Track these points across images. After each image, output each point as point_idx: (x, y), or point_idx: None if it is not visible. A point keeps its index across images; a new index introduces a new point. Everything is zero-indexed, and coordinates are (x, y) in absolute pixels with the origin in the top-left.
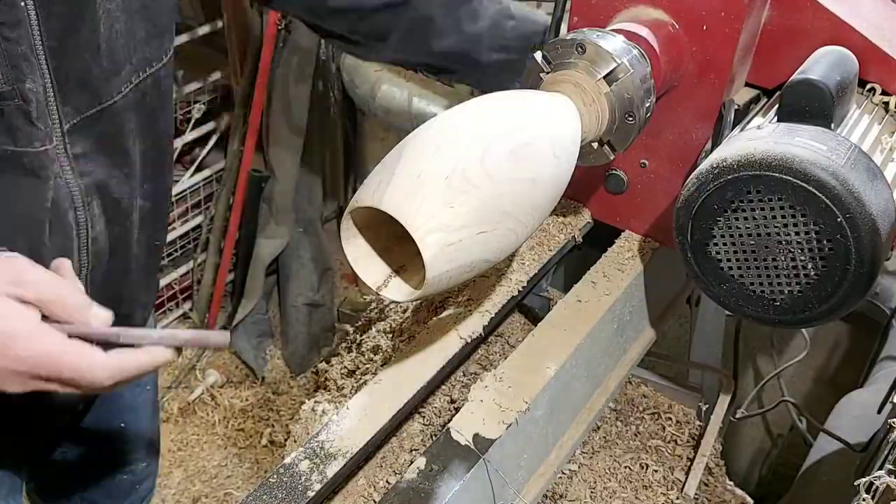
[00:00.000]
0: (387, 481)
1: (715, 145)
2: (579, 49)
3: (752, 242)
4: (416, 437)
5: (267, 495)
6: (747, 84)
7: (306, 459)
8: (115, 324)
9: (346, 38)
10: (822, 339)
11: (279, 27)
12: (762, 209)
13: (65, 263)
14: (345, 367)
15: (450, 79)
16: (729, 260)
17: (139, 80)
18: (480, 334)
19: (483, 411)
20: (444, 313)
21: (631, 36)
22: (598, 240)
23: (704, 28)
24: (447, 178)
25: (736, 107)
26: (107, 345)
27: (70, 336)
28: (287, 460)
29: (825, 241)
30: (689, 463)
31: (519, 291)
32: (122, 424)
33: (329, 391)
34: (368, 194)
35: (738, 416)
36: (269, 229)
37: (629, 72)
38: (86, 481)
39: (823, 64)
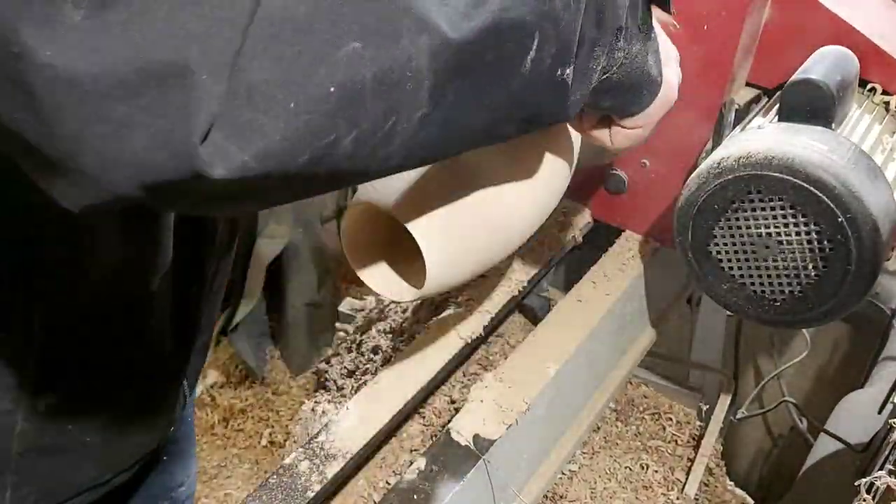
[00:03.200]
0: (386, 482)
1: (716, 145)
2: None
3: (753, 242)
4: (415, 438)
5: (267, 496)
6: (748, 84)
7: (306, 460)
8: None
9: None
10: (823, 340)
11: None
12: (763, 209)
13: None
14: (345, 367)
15: None
16: (729, 260)
17: None
18: (480, 334)
19: (483, 411)
20: (444, 313)
21: None
22: (598, 240)
23: (705, 28)
24: (447, 177)
25: (737, 106)
26: None
27: None
28: (287, 461)
29: (826, 242)
30: (689, 463)
31: (519, 291)
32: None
33: (329, 391)
34: (369, 194)
35: (738, 416)
36: (268, 229)
37: None
38: None
39: (824, 63)
